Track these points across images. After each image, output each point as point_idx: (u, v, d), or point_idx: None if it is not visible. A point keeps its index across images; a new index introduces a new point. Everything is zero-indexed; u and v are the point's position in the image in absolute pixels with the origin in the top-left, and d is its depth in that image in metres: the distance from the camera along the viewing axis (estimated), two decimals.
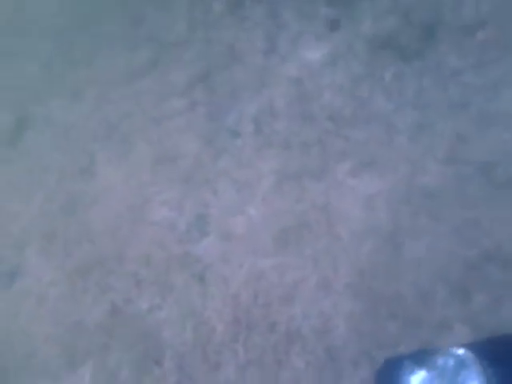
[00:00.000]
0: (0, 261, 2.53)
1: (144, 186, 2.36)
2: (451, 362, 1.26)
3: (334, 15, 2.19)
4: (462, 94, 1.71)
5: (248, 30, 2.41)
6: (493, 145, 1.56)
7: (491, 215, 1.45)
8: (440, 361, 1.26)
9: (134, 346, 1.94)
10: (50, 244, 2.42)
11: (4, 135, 2.88)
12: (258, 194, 1.98)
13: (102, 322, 2.08)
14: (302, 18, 2.26)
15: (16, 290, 2.39)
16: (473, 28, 1.83)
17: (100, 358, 2.00)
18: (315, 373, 1.54)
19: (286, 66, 2.24)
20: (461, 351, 1.26)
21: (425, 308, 1.43)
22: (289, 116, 2.12)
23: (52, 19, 3.15)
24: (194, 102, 2.39)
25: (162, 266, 2.09)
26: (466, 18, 1.91)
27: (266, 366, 1.64)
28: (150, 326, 1.96)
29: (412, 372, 1.28)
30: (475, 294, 1.38)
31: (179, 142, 2.33)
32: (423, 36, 1.94)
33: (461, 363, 1.25)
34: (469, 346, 1.19)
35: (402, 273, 1.53)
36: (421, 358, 1.31)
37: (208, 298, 1.90)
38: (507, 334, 1.30)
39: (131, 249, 2.22)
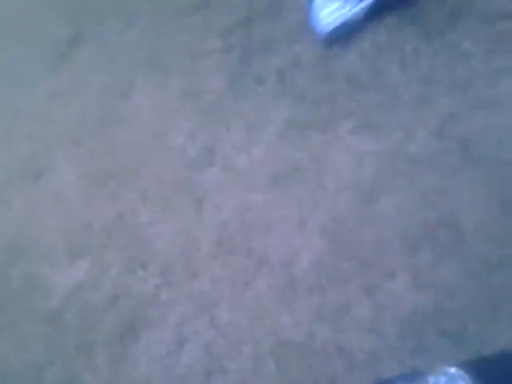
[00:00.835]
0: (32, 159, 2.80)
1: (169, 114, 2.56)
2: (442, 380, 1.21)
3: None
4: (466, 77, 1.80)
5: None
6: (478, 126, 1.66)
7: (457, 186, 1.57)
8: (431, 380, 1.22)
9: (128, 250, 2.17)
10: (77, 151, 2.66)
11: (58, 47, 3.11)
12: (263, 138, 2.14)
13: (106, 226, 2.32)
14: None
15: (39, 186, 2.65)
16: (495, 18, 1.90)
17: (97, 255, 2.23)
18: (275, 295, 1.72)
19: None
20: (452, 369, 1.22)
21: (378, 255, 1.58)
22: (311, 72, 2.24)
23: None
24: (230, 46, 2.54)
25: (168, 187, 2.29)
26: (494, 7, 1.97)
27: (235, 283, 1.84)
28: (145, 236, 2.18)
29: None
30: (423, 250, 1.52)
31: (208, 79, 2.50)
32: (449, 18, 2.02)
33: (452, 381, 1.20)
34: (460, 365, 1.17)
35: (369, 223, 1.67)
36: (411, 377, 1.29)
37: (200, 221, 2.10)
38: (499, 352, 1.33)
39: (146, 167, 2.43)
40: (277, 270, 1.76)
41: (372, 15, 2.15)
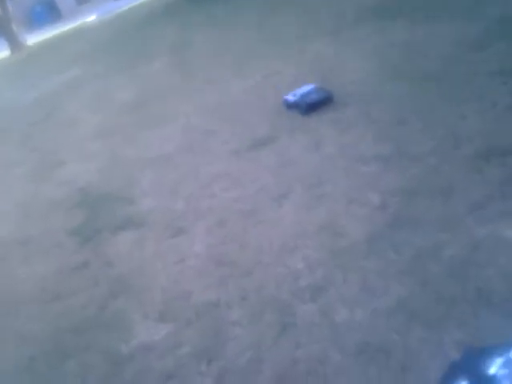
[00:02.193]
0: None
1: (301, 237, 2.67)
2: None
3: None
4: None
5: None
6: None
7: None
8: None
9: None
10: None
11: None
12: (373, 305, 2.11)
13: None
14: None
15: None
16: None
17: None
18: None
19: None
20: None
21: None
22: None
23: None
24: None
25: (259, 303, 2.36)
26: None
27: None
28: None
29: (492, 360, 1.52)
30: None
31: (349, 227, 2.58)
32: None
33: None
34: None
35: None
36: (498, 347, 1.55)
37: None
38: None
39: (259, 270, 2.54)
40: None
41: None
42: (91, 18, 21.65)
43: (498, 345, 1.61)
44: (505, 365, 1.50)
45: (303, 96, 4.16)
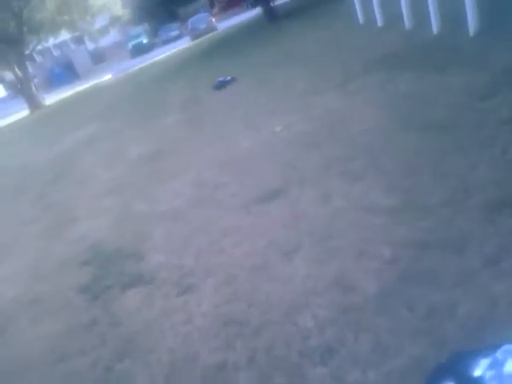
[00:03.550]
0: None
1: (311, 294, 2.59)
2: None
3: None
4: None
5: None
6: None
7: None
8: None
9: None
10: None
11: None
12: (387, 367, 2.01)
13: None
14: None
15: None
16: None
17: None
18: None
19: None
20: None
21: None
22: None
23: None
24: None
25: (267, 364, 2.26)
26: None
27: None
28: None
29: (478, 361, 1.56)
30: None
31: (361, 282, 2.50)
32: None
33: None
34: None
35: None
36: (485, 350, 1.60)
37: None
38: None
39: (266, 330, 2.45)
40: None
41: None
42: (107, 76, 22.33)
43: (484, 348, 1.64)
44: (491, 366, 1.52)
45: None
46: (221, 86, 8.90)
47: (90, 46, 29.57)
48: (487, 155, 3.26)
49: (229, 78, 9.09)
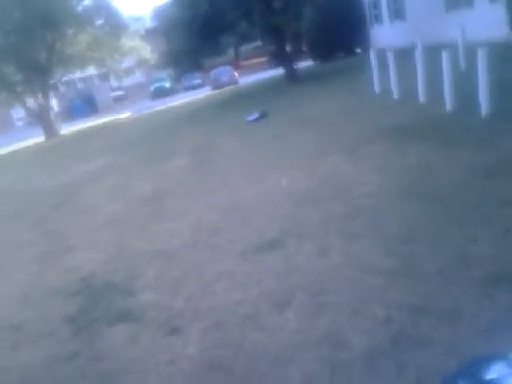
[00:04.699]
0: None
1: None
2: None
3: None
4: None
5: None
6: None
7: None
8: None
9: None
10: None
11: None
12: None
13: None
14: None
15: None
16: None
17: None
18: None
19: None
20: None
21: None
22: None
23: None
24: None
25: None
26: None
27: None
28: None
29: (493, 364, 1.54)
30: None
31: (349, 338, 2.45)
32: None
33: None
34: None
35: None
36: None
37: None
38: None
39: None
40: None
41: None
42: (126, 114, 22.75)
43: (499, 353, 1.63)
44: (507, 369, 1.51)
45: None
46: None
47: (114, 83, 30.26)
48: (488, 232, 3.26)
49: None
